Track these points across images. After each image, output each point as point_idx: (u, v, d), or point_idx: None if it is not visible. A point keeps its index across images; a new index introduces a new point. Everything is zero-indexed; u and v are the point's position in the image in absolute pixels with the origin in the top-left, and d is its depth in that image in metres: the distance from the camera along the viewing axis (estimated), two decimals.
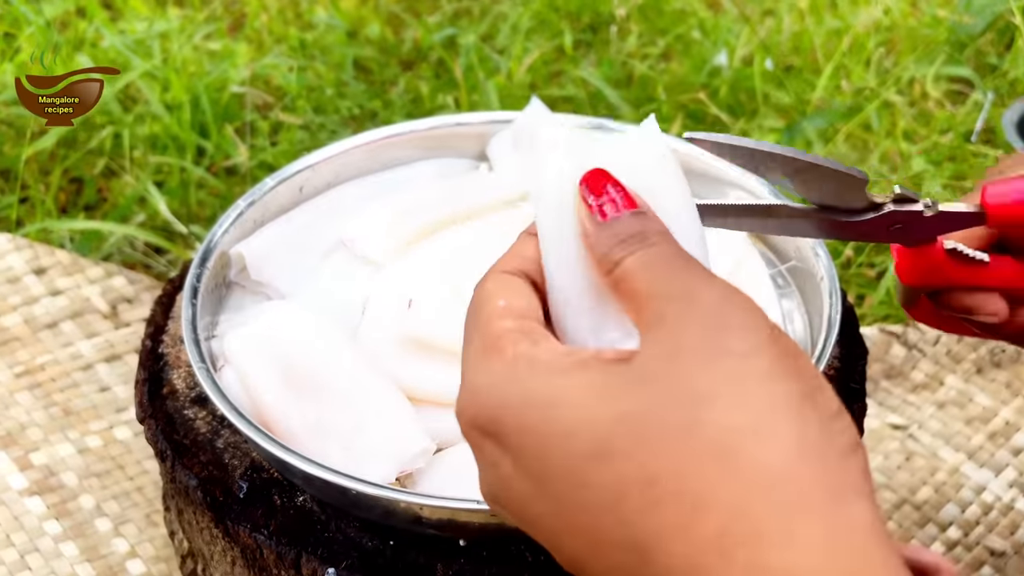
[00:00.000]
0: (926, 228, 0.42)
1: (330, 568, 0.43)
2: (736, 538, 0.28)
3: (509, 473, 0.31)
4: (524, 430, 0.31)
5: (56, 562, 0.72)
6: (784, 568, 0.28)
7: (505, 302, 0.33)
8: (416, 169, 0.62)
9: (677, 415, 0.29)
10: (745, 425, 0.29)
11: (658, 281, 0.31)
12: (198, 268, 0.52)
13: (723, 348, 0.30)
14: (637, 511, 0.29)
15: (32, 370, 0.81)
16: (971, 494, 0.76)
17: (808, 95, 1.09)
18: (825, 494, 0.28)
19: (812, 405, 0.29)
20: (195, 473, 0.46)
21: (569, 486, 0.30)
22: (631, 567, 0.30)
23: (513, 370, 0.31)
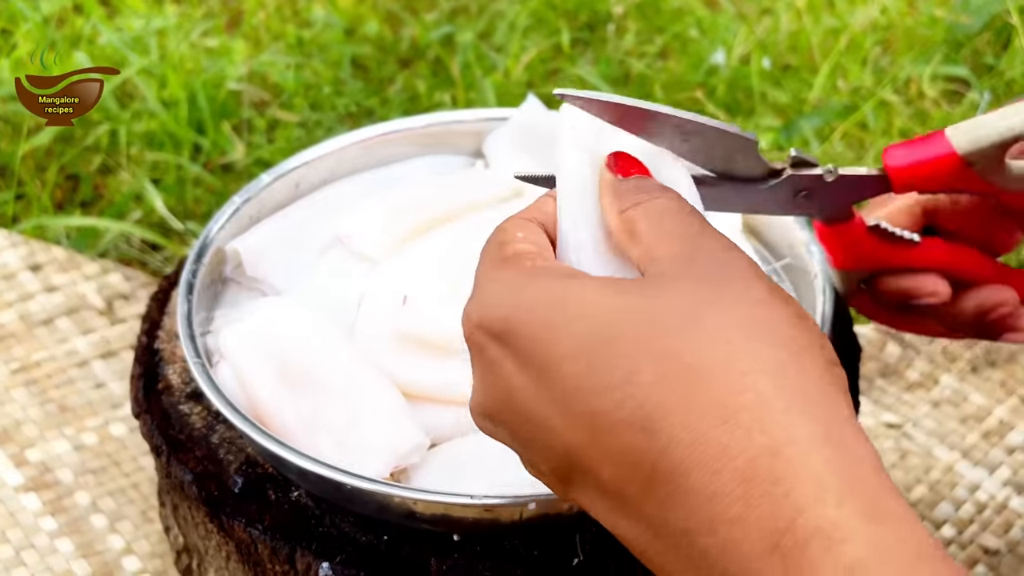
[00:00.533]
0: (832, 195, 0.41)
1: (324, 563, 0.43)
2: (740, 405, 0.30)
3: (509, 372, 0.32)
4: (532, 323, 0.32)
5: (52, 558, 0.72)
6: (787, 433, 0.29)
7: (523, 234, 0.35)
8: (412, 166, 0.62)
9: (684, 308, 0.31)
10: (751, 325, 0.31)
11: (666, 225, 0.34)
12: (194, 264, 0.52)
13: (725, 276, 0.32)
14: (647, 384, 0.30)
15: (28, 367, 0.81)
16: (965, 492, 0.76)
17: (805, 94, 1.09)
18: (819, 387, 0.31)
19: (805, 324, 0.32)
20: (190, 468, 0.47)
21: (576, 369, 0.31)
22: (636, 448, 0.30)
23: (528, 276, 0.33)
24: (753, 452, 0.29)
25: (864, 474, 0.30)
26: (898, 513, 0.29)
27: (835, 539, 0.28)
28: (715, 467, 0.29)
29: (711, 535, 0.29)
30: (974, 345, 0.84)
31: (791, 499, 0.29)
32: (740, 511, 0.29)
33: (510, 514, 0.42)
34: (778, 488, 0.29)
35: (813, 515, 0.29)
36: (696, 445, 0.30)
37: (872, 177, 0.42)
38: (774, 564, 0.29)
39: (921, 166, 0.41)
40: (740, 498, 0.29)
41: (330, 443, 0.45)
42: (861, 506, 0.29)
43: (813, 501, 0.29)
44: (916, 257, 0.44)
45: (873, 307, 0.46)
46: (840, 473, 0.29)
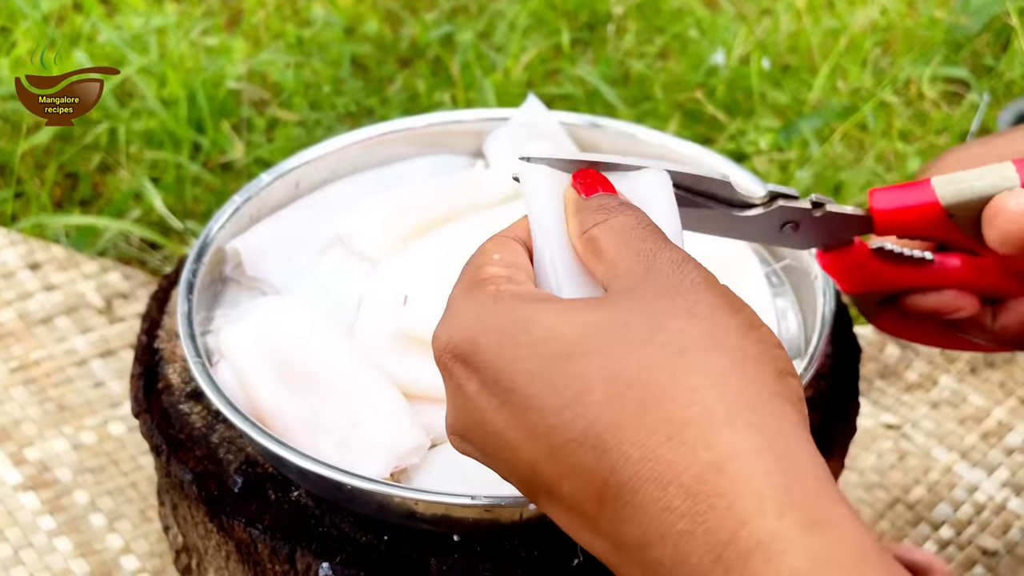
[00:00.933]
0: (818, 230, 0.42)
1: (324, 563, 0.43)
2: (686, 421, 0.31)
3: (475, 392, 0.34)
4: (496, 346, 0.33)
5: (50, 557, 0.71)
6: (729, 446, 0.31)
7: (499, 256, 0.37)
8: (412, 166, 0.62)
9: (639, 324, 0.33)
10: (698, 336, 0.33)
11: (623, 242, 0.35)
12: (194, 263, 0.52)
13: (679, 287, 0.34)
14: (598, 404, 0.31)
15: (26, 365, 0.81)
16: (964, 493, 0.77)
17: (804, 95, 1.09)
18: (763, 395, 0.32)
19: (757, 334, 0.33)
20: (190, 468, 0.46)
21: (534, 390, 0.32)
22: (588, 465, 0.32)
23: (494, 302, 0.34)
24: (698, 468, 0.30)
25: (805, 483, 0.30)
26: (839, 520, 0.30)
27: (775, 550, 0.29)
28: (663, 483, 0.31)
29: (662, 548, 0.30)
30: None
31: (734, 512, 0.30)
32: (687, 525, 0.30)
33: (510, 514, 0.42)
34: (721, 502, 0.30)
35: (755, 527, 0.30)
36: (645, 462, 0.31)
37: (857, 217, 0.43)
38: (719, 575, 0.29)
39: (904, 212, 0.42)
40: (687, 513, 0.30)
41: (330, 443, 0.45)
42: (801, 516, 0.30)
43: (754, 513, 0.30)
44: (932, 275, 0.44)
45: (905, 328, 0.46)
46: (780, 485, 0.30)
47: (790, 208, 0.42)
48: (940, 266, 0.44)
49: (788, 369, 0.33)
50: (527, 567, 0.43)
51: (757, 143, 1.03)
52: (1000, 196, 0.40)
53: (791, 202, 0.42)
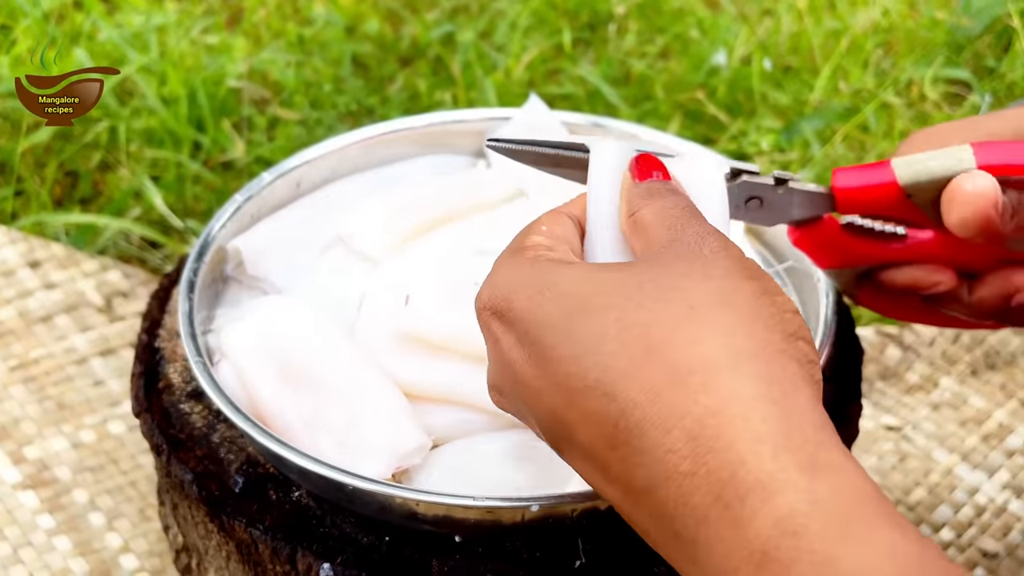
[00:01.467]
0: (783, 206, 0.43)
1: (325, 563, 0.43)
2: (691, 367, 0.33)
3: (508, 345, 0.36)
4: (527, 301, 0.36)
5: (49, 556, 0.71)
6: (729, 391, 0.32)
7: (547, 227, 0.39)
8: (413, 165, 0.62)
9: (654, 283, 0.35)
10: (709, 293, 0.34)
11: (660, 219, 0.38)
12: (195, 262, 0.52)
13: (698, 253, 0.36)
14: (610, 353, 0.33)
15: (26, 364, 0.81)
16: (964, 496, 0.76)
17: (806, 96, 1.09)
18: (769, 351, 0.33)
19: (769, 299, 0.35)
20: (191, 468, 0.46)
21: (555, 339, 0.35)
22: (600, 410, 0.33)
23: (531, 265, 0.37)
24: (699, 412, 0.32)
25: (803, 429, 0.32)
26: (836, 464, 0.31)
27: (772, 490, 0.30)
28: (667, 426, 0.32)
29: (667, 489, 0.32)
30: (975, 348, 0.84)
31: (732, 453, 0.31)
32: (689, 466, 0.32)
33: (512, 516, 0.42)
34: (719, 443, 0.31)
35: (752, 467, 0.31)
36: (650, 406, 0.32)
37: (820, 195, 0.43)
38: (719, 514, 0.31)
39: (864, 191, 0.43)
40: (688, 455, 0.32)
41: (331, 443, 0.45)
42: (797, 459, 0.31)
43: (751, 455, 0.31)
44: (907, 249, 0.44)
45: (885, 303, 0.46)
46: (778, 429, 0.31)
47: (752, 183, 0.42)
48: (913, 241, 0.44)
49: (800, 334, 0.34)
50: (529, 568, 0.43)
51: (759, 144, 1.03)
52: (957, 179, 0.41)
53: (754, 178, 0.42)
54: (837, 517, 0.30)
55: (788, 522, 0.30)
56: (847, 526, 0.29)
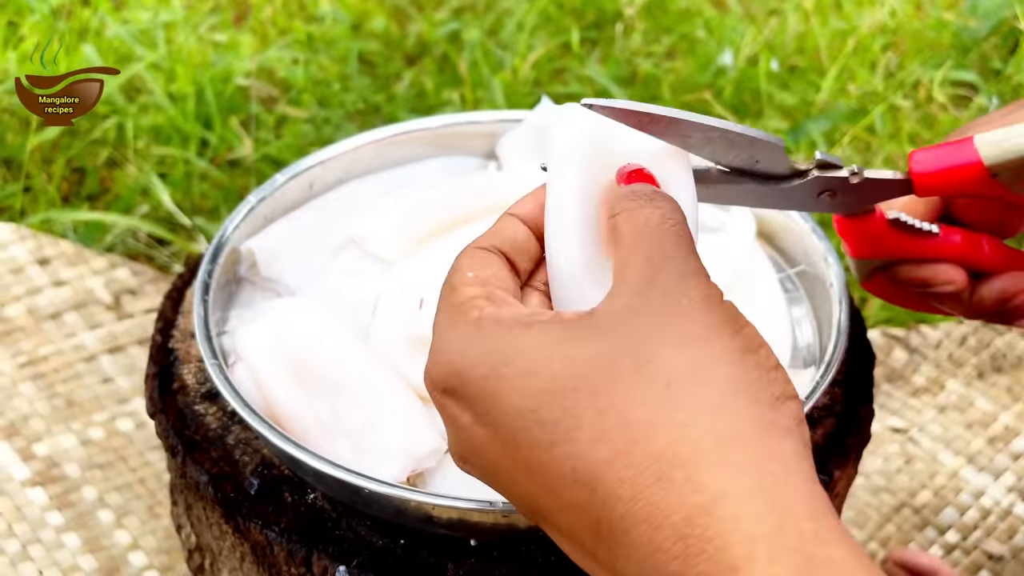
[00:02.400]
0: (856, 195, 0.42)
1: (341, 566, 0.43)
2: (675, 460, 0.30)
3: (468, 424, 0.33)
4: (481, 377, 0.33)
5: (58, 553, 0.72)
6: (718, 488, 0.30)
7: (473, 273, 0.36)
8: (425, 167, 0.62)
9: (628, 358, 0.32)
10: (689, 368, 0.32)
11: (642, 241, 0.34)
12: (209, 264, 0.52)
13: (676, 309, 0.33)
14: (587, 442, 0.31)
15: (35, 360, 0.81)
16: (970, 498, 0.77)
17: (812, 96, 1.09)
18: (756, 428, 0.31)
19: (753, 359, 0.32)
20: (206, 469, 0.46)
21: (523, 424, 0.32)
22: (581, 502, 0.31)
23: (476, 329, 0.34)
24: (687, 510, 0.30)
25: (799, 525, 0.30)
26: (834, 563, 0.29)
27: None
28: (653, 523, 0.30)
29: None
30: (981, 351, 0.84)
31: (725, 556, 0.29)
32: (680, 567, 0.30)
33: (527, 520, 0.42)
34: (711, 546, 0.30)
35: (747, 574, 0.29)
36: (635, 502, 0.30)
37: (896, 181, 0.42)
38: None
39: (946, 173, 0.42)
40: (679, 555, 0.30)
41: (347, 446, 0.45)
42: (794, 562, 0.29)
43: (746, 560, 0.29)
44: (934, 247, 0.44)
45: (889, 291, 0.47)
46: (772, 529, 0.30)
47: (829, 177, 0.41)
48: (943, 240, 0.44)
49: (786, 392, 0.33)
50: (543, 573, 0.43)
51: None
52: None
53: (831, 171, 0.41)
54: None
55: None
56: None
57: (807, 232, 0.54)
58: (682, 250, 0.34)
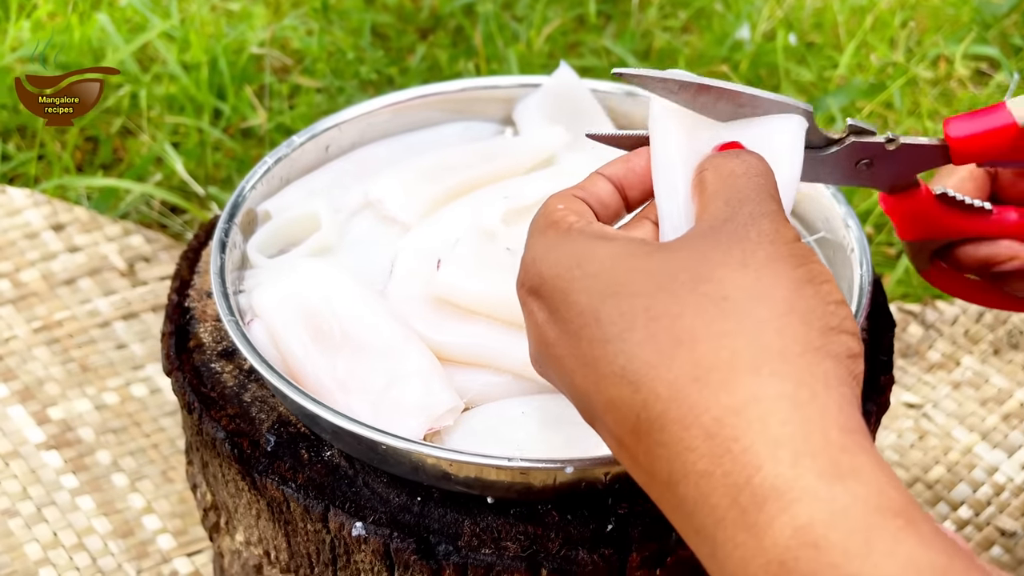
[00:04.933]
0: (894, 163, 0.42)
1: (357, 522, 0.43)
2: (713, 364, 0.32)
3: (543, 320, 0.36)
4: (556, 276, 0.35)
5: (72, 515, 0.72)
6: (750, 391, 0.31)
7: (563, 205, 0.38)
8: (441, 132, 0.61)
9: (688, 272, 0.33)
10: (745, 284, 0.33)
11: (724, 187, 0.36)
12: (226, 223, 0.52)
13: (744, 236, 0.34)
14: (637, 343, 0.33)
15: (50, 325, 0.81)
16: (983, 474, 0.76)
17: (829, 72, 1.08)
18: (801, 348, 0.32)
19: (813, 289, 0.33)
20: (223, 426, 0.47)
21: (585, 321, 0.34)
22: (624, 401, 0.33)
23: (563, 236, 0.36)
24: (718, 411, 0.31)
25: (827, 433, 0.30)
26: (860, 470, 0.30)
27: (789, 498, 0.30)
28: (686, 423, 0.31)
29: (686, 486, 0.31)
30: (997, 327, 0.84)
31: (749, 457, 0.30)
32: (707, 466, 0.31)
33: (545, 478, 0.42)
34: (737, 446, 0.30)
35: (768, 473, 0.30)
36: (671, 401, 0.32)
37: (932, 147, 0.42)
38: (736, 518, 0.30)
39: (981, 138, 0.41)
40: (706, 454, 0.31)
41: (364, 403, 0.45)
42: (818, 465, 0.30)
43: (768, 460, 0.30)
44: (990, 225, 0.44)
45: (949, 280, 0.46)
46: (798, 433, 0.30)
47: (864, 144, 0.41)
48: (998, 217, 0.44)
49: (842, 326, 0.33)
50: (560, 531, 0.43)
51: None
52: None
53: (866, 137, 0.41)
54: (859, 529, 0.29)
55: (807, 532, 0.29)
56: (868, 539, 0.28)
57: (827, 196, 0.53)
58: (761, 194, 0.36)
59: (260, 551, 0.48)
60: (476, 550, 0.42)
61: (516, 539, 0.43)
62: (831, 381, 0.32)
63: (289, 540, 0.46)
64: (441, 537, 0.43)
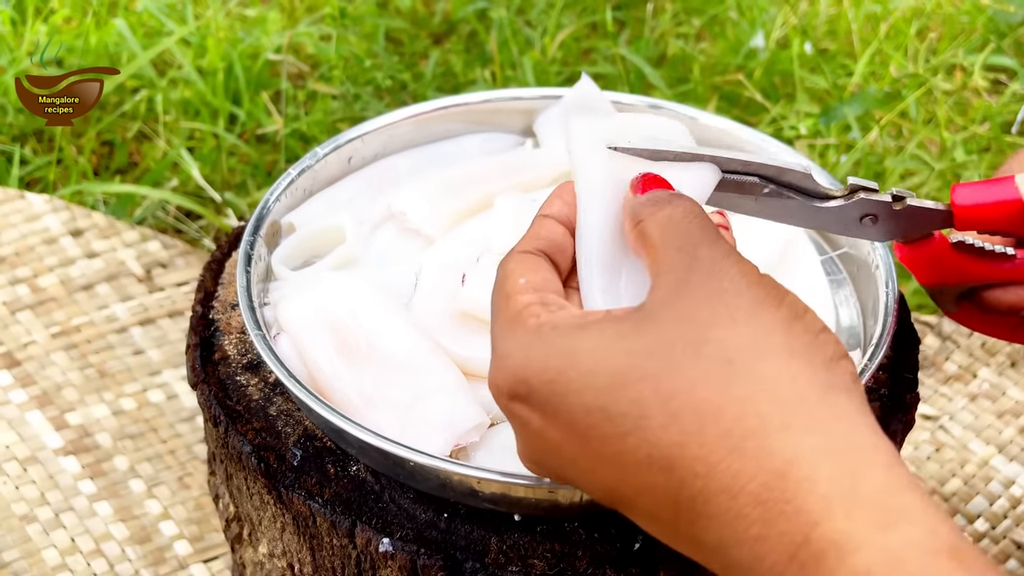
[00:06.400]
0: (898, 223, 0.43)
1: (384, 538, 0.43)
2: (744, 432, 0.32)
3: (540, 427, 0.35)
4: (548, 382, 0.34)
5: (90, 521, 0.72)
6: (790, 452, 0.32)
7: (525, 279, 0.37)
8: (461, 144, 0.62)
9: (684, 340, 0.33)
10: (744, 342, 0.33)
11: (670, 235, 0.36)
12: (251, 235, 0.52)
13: (719, 288, 0.34)
14: (658, 427, 0.33)
15: (68, 331, 0.81)
16: (1000, 487, 0.76)
17: (843, 80, 1.07)
18: (816, 391, 0.33)
19: (800, 325, 0.34)
20: (249, 439, 0.47)
21: (593, 421, 0.34)
22: (658, 485, 0.33)
23: (535, 336, 0.35)
24: (763, 477, 0.32)
25: (870, 478, 0.31)
26: (908, 512, 0.31)
27: (847, 550, 0.30)
28: (732, 493, 0.32)
29: (739, 550, 0.32)
30: None
31: (804, 516, 0.31)
32: (760, 530, 0.31)
33: (571, 496, 0.42)
34: (790, 507, 0.31)
35: (826, 529, 0.31)
36: (711, 477, 0.32)
37: (938, 211, 0.43)
38: (795, 573, 0.31)
39: (986, 208, 0.42)
40: (758, 520, 0.32)
41: (390, 418, 0.45)
42: (869, 515, 0.31)
43: (823, 516, 0.31)
44: (1015, 270, 0.44)
45: (980, 320, 0.46)
46: (846, 485, 0.31)
47: (870, 201, 0.42)
48: (1022, 262, 0.44)
49: (837, 352, 0.34)
50: (587, 549, 0.43)
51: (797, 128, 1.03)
52: None
53: (871, 195, 0.42)
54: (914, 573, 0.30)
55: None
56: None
57: None
58: (709, 235, 0.36)
59: (284, 564, 0.48)
60: (503, 567, 0.42)
61: (543, 557, 0.43)
62: (853, 416, 0.32)
63: (314, 554, 0.46)
64: (468, 554, 0.43)
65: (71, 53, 1.00)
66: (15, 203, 0.88)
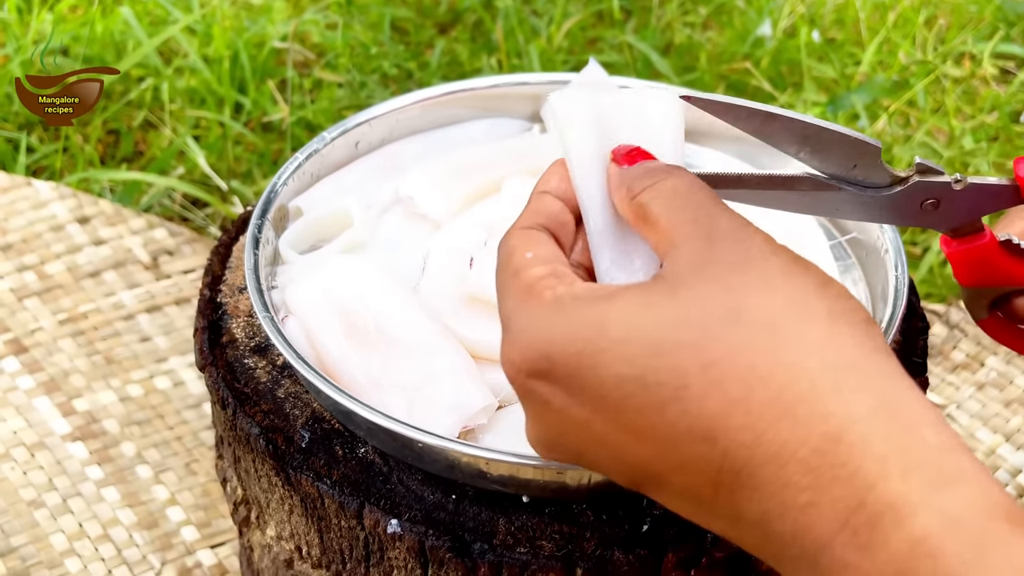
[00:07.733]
0: (961, 204, 0.40)
1: (393, 519, 0.43)
2: (795, 397, 0.31)
3: (563, 404, 0.33)
4: (575, 354, 0.32)
5: (97, 506, 0.73)
6: (843, 414, 0.31)
7: (532, 253, 0.35)
8: (468, 129, 0.61)
9: (720, 307, 0.32)
10: (782, 306, 0.32)
11: (679, 206, 0.35)
12: (259, 219, 0.52)
13: (747, 256, 0.33)
14: (699, 396, 0.31)
15: (75, 318, 0.81)
16: (1007, 476, 0.76)
17: (851, 69, 1.07)
18: (861, 353, 0.32)
19: (833, 290, 0.33)
20: (257, 422, 0.47)
21: (628, 391, 0.32)
22: (699, 457, 0.32)
23: (555, 308, 0.33)
24: (815, 442, 0.30)
25: (924, 439, 0.30)
26: (963, 473, 0.30)
27: (904, 512, 0.29)
28: (781, 461, 0.31)
29: (783, 522, 0.31)
30: None
31: (859, 479, 0.30)
32: (811, 497, 0.30)
33: (579, 478, 0.42)
34: (844, 471, 0.30)
35: (882, 491, 0.30)
36: (758, 445, 0.31)
37: (1002, 187, 0.41)
38: (846, 540, 0.30)
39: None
40: (808, 487, 0.30)
41: (399, 400, 0.45)
42: (926, 475, 0.30)
43: (879, 478, 0.30)
44: None
45: (1008, 332, 0.45)
46: (901, 445, 0.30)
47: (930, 183, 0.40)
48: None
49: (868, 316, 0.33)
50: (595, 531, 0.43)
51: None
52: None
53: (933, 176, 0.40)
54: (972, 536, 0.29)
55: (924, 544, 0.29)
56: (982, 546, 0.29)
57: None
58: (720, 205, 0.35)
59: (291, 546, 0.49)
60: (511, 549, 0.42)
61: (551, 538, 0.43)
62: (897, 377, 0.32)
63: (322, 536, 0.46)
64: (476, 535, 0.43)
65: (77, 42, 1.00)
66: (22, 190, 0.88)
